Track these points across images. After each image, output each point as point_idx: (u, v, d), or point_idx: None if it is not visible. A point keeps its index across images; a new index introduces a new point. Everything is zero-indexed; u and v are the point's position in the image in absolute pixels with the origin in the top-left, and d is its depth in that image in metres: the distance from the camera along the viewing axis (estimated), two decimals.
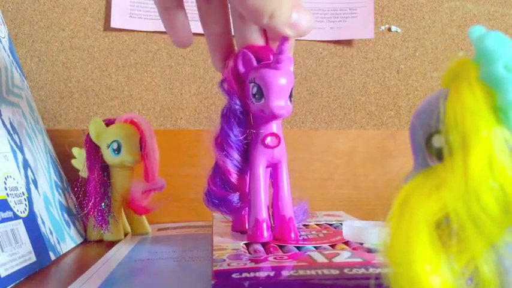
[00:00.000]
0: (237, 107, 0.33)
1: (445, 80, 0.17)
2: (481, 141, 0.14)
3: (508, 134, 0.15)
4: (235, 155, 0.33)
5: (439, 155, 0.16)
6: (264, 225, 0.32)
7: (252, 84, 0.32)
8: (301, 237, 0.34)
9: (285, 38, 0.29)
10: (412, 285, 0.15)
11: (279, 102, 0.31)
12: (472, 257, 0.14)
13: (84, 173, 0.48)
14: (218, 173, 0.34)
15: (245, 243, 0.32)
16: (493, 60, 0.15)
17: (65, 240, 0.42)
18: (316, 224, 0.40)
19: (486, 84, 0.15)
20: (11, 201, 0.35)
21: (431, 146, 0.17)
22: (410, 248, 0.15)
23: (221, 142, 0.33)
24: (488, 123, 0.15)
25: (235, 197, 0.34)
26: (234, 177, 0.33)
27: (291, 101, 0.32)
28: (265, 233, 0.32)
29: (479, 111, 0.15)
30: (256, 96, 0.32)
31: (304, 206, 0.37)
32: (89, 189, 0.44)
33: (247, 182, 0.34)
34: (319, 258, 0.27)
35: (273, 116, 0.32)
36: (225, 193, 0.34)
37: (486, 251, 0.14)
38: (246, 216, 0.35)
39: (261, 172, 0.33)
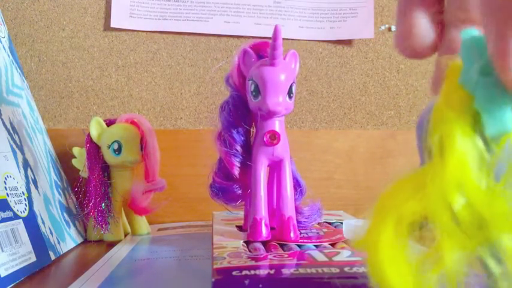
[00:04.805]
0: (239, 101, 0.33)
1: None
2: (454, 148, 0.14)
3: (480, 141, 0.14)
4: (238, 147, 0.33)
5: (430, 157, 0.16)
6: (263, 223, 0.32)
7: (250, 82, 0.32)
8: (301, 235, 0.34)
9: (277, 32, 0.29)
10: (377, 275, 0.15)
11: (275, 99, 0.31)
12: (442, 261, 0.14)
13: (84, 173, 0.47)
14: (221, 166, 0.34)
15: (245, 242, 0.32)
16: (471, 63, 0.15)
17: (65, 240, 0.42)
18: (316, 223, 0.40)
19: (465, 89, 0.15)
20: (11, 201, 0.35)
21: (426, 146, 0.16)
22: (375, 240, 0.15)
23: (223, 136, 0.34)
24: (462, 130, 0.14)
25: (236, 186, 0.34)
26: (236, 170, 0.33)
27: (290, 97, 0.32)
28: (264, 232, 0.32)
29: (455, 117, 0.15)
30: (254, 93, 0.32)
31: (317, 205, 0.37)
32: (90, 190, 0.44)
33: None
34: (320, 257, 0.27)
35: (270, 113, 0.32)
36: (228, 183, 0.34)
37: (456, 259, 0.14)
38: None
39: (262, 170, 0.33)
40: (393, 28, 0.62)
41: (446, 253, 0.14)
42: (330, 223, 0.40)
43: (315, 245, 0.32)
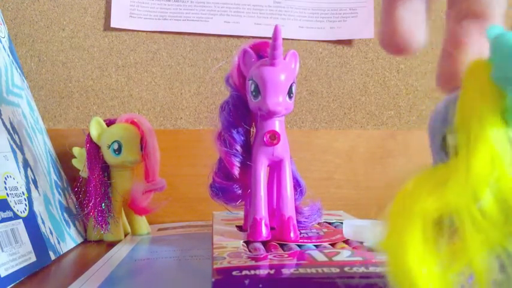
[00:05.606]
0: (239, 101, 0.34)
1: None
2: (485, 142, 0.14)
3: None
4: (238, 147, 0.33)
5: (454, 153, 0.16)
6: (263, 223, 0.32)
7: (250, 82, 0.32)
8: (301, 235, 0.34)
9: (277, 32, 0.29)
10: (402, 276, 0.15)
11: (275, 99, 0.31)
12: (469, 258, 0.14)
13: (84, 173, 0.47)
14: (221, 166, 0.34)
15: (245, 242, 0.32)
16: (504, 61, 0.15)
17: (65, 240, 0.42)
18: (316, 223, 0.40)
19: (497, 85, 0.15)
20: (11, 201, 0.35)
21: (446, 143, 0.16)
22: (402, 240, 0.15)
23: (223, 136, 0.34)
24: (494, 124, 0.14)
25: (236, 186, 0.34)
26: (236, 170, 0.33)
27: (290, 97, 0.32)
28: (264, 232, 0.32)
29: (485, 112, 0.15)
30: (254, 93, 0.32)
31: (317, 205, 0.37)
32: (90, 190, 0.44)
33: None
34: (320, 257, 0.27)
35: (270, 113, 0.32)
36: (228, 183, 0.34)
37: (484, 254, 0.14)
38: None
39: (262, 170, 0.33)
40: None
41: (474, 248, 0.14)
42: (330, 223, 0.40)
43: (315, 245, 0.32)
